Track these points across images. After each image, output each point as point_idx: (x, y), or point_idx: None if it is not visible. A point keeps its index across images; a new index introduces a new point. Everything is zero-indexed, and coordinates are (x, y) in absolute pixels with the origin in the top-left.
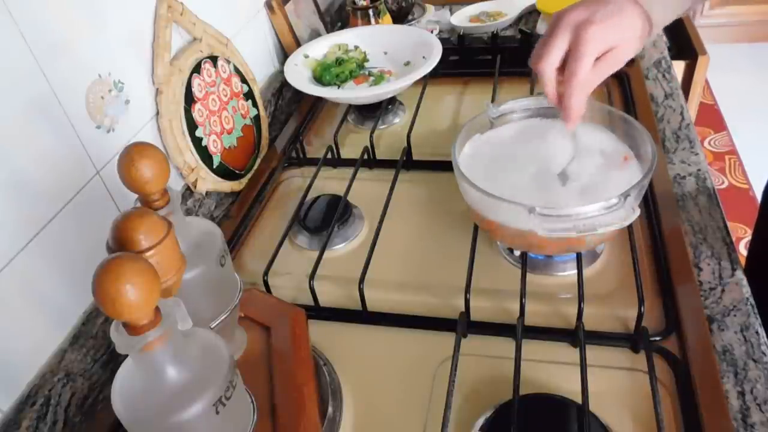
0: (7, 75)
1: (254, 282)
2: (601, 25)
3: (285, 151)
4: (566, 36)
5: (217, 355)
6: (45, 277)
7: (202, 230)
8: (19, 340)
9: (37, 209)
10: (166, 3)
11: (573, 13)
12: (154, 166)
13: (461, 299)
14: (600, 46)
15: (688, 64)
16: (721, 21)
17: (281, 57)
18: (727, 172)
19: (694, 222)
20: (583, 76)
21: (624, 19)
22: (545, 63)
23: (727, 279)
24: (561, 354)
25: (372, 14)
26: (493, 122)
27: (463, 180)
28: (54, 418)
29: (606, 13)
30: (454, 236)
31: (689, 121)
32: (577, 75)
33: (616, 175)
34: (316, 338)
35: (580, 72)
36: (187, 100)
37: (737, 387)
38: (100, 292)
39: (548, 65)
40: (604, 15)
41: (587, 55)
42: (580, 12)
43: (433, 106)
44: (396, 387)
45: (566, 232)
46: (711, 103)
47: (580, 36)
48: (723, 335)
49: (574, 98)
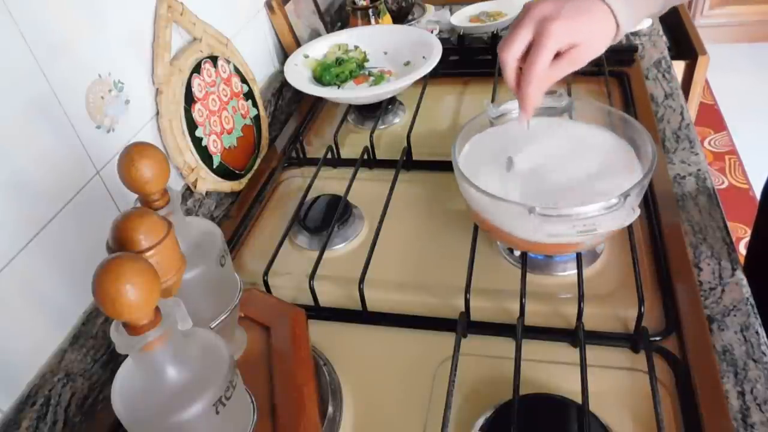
0: (7, 75)
1: (254, 282)
2: (566, 21)
3: (285, 151)
4: (530, 28)
5: (217, 355)
6: (45, 277)
7: (202, 230)
8: (19, 340)
9: (37, 209)
10: (166, 3)
11: (541, 6)
12: (154, 166)
13: (461, 299)
14: (561, 41)
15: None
16: (721, 21)
17: (281, 57)
18: (727, 172)
19: (694, 222)
20: (540, 68)
21: (590, 18)
22: (507, 52)
23: (727, 279)
24: (561, 354)
25: (372, 14)
26: (493, 122)
27: (463, 180)
28: (54, 418)
29: (572, 10)
30: (454, 236)
31: (689, 121)
32: (534, 66)
33: (617, 175)
34: (316, 338)
35: (538, 64)
36: (187, 100)
37: (737, 387)
38: (100, 292)
39: (510, 54)
40: (570, 12)
41: (547, 48)
42: (548, 6)
43: (433, 106)
44: (396, 387)
45: (566, 232)
46: (711, 103)
47: (543, 29)
48: (723, 335)
49: (530, 88)
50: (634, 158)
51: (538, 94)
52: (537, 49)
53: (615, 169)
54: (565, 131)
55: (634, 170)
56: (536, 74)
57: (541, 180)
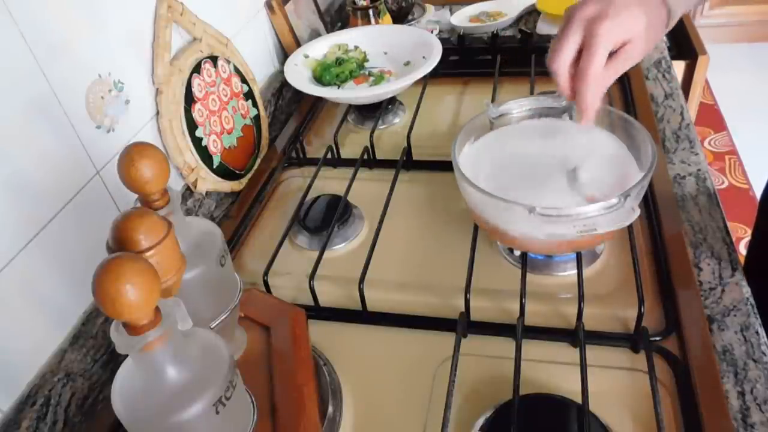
0: (7, 75)
1: (254, 282)
2: (615, 20)
3: (285, 151)
4: (578, 32)
5: (217, 355)
6: (45, 277)
7: (202, 230)
8: (19, 340)
9: (37, 209)
10: (166, 3)
11: (585, 8)
12: (154, 166)
13: (461, 299)
14: (613, 40)
15: (688, 64)
16: (721, 21)
17: (281, 57)
18: (727, 172)
19: (694, 222)
20: (596, 72)
21: (639, 10)
22: (558, 60)
23: (727, 279)
24: (561, 354)
25: (372, 14)
26: (493, 122)
27: (463, 180)
28: (54, 418)
29: (619, 6)
30: (454, 236)
31: (689, 121)
32: (589, 71)
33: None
34: (316, 338)
35: (593, 68)
36: (187, 100)
37: (737, 387)
38: (100, 292)
39: (561, 63)
40: (617, 9)
41: (600, 50)
42: (592, 7)
43: (433, 106)
44: (396, 387)
45: (566, 232)
46: (711, 103)
47: (592, 31)
48: (723, 335)
49: (588, 94)
50: (634, 158)
51: (598, 99)
52: (589, 53)
53: (615, 169)
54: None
55: (633, 170)
56: (593, 79)
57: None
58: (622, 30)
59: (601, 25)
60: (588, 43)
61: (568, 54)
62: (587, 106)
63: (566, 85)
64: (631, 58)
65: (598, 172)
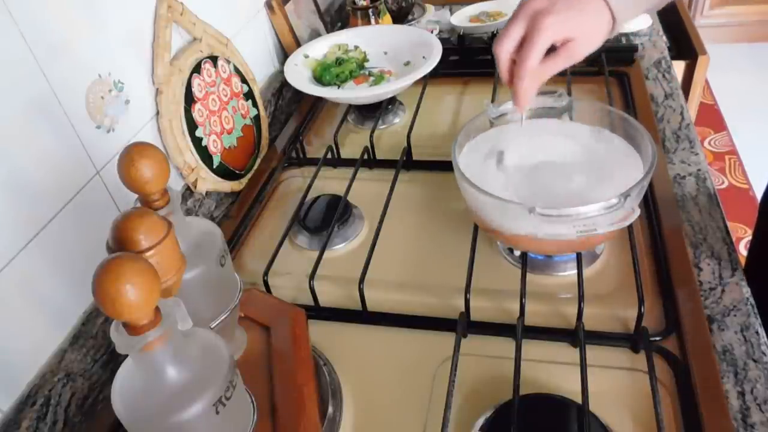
0: (7, 75)
1: (254, 282)
2: (558, 16)
3: (285, 151)
4: (523, 23)
5: (217, 355)
6: (45, 277)
7: (202, 230)
8: (19, 340)
9: (37, 209)
10: (166, 3)
11: (535, 1)
12: (154, 166)
13: (461, 299)
14: (554, 35)
15: (688, 64)
16: (721, 21)
17: (281, 57)
18: (727, 172)
19: (694, 222)
20: (532, 63)
21: (584, 11)
22: (500, 47)
23: (727, 279)
24: (561, 354)
25: (372, 14)
26: (493, 122)
27: (463, 180)
28: (54, 418)
29: (565, 4)
30: (454, 236)
31: (689, 121)
32: (526, 61)
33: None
34: (316, 338)
35: (530, 59)
36: (187, 100)
37: (737, 387)
38: (100, 292)
39: (503, 49)
40: (563, 6)
41: (538, 43)
42: (541, 1)
43: (433, 106)
44: (396, 387)
45: (566, 232)
46: (711, 103)
47: (535, 24)
48: (723, 335)
49: (522, 83)
50: (634, 158)
51: (531, 89)
52: (528, 44)
53: (615, 170)
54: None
55: (633, 170)
56: (528, 69)
57: (541, 179)
58: (565, 27)
59: (544, 19)
60: (530, 34)
61: (511, 41)
62: (520, 94)
63: (505, 71)
64: (571, 57)
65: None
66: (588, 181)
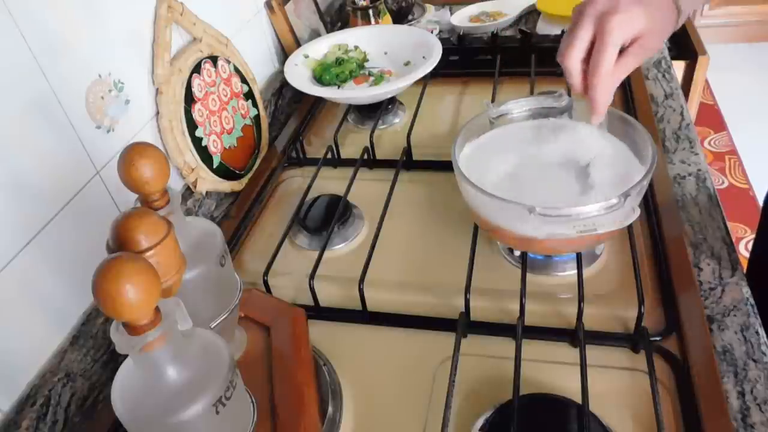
0: (7, 75)
1: (254, 282)
2: (625, 15)
3: (285, 151)
4: (590, 27)
5: (217, 355)
6: (45, 278)
7: (202, 230)
8: (19, 340)
9: (37, 209)
10: (166, 3)
11: (595, 3)
12: (154, 166)
13: (461, 299)
14: (624, 35)
15: (688, 64)
16: (721, 21)
17: (281, 57)
18: (727, 172)
19: (694, 222)
20: (607, 68)
21: (648, 6)
22: (569, 56)
23: (727, 279)
24: (561, 354)
25: (372, 14)
26: (493, 122)
27: (463, 180)
28: (54, 418)
29: (629, 2)
30: (454, 236)
31: (689, 121)
32: (600, 66)
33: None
34: (316, 338)
35: (604, 63)
36: (187, 100)
37: (737, 387)
38: (100, 292)
39: (572, 59)
40: (628, 3)
41: (611, 45)
42: (602, 2)
43: (433, 106)
44: (396, 387)
45: (566, 232)
46: (711, 103)
47: (603, 26)
48: (723, 335)
49: (599, 89)
50: (634, 158)
51: (609, 95)
52: (601, 48)
53: (615, 170)
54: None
55: (634, 170)
56: (604, 74)
57: (541, 179)
58: (634, 25)
59: (612, 19)
60: (600, 37)
61: (580, 49)
62: (599, 101)
63: (578, 81)
64: (642, 54)
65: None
66: (588, 181)
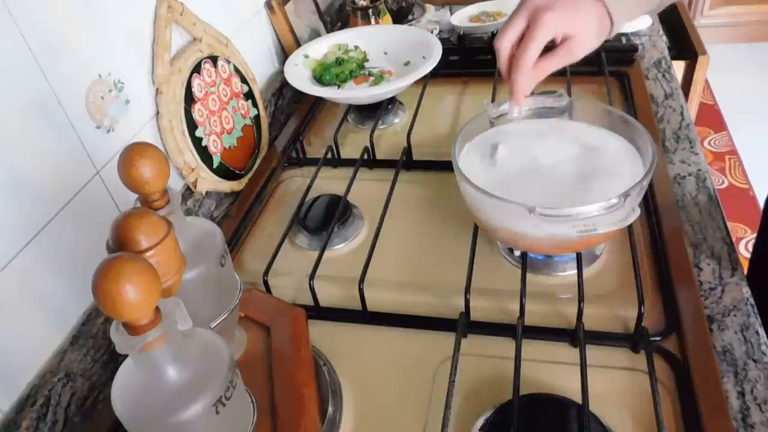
0: (7, 75)
1: (254, 282)
2: (558, 14)
3: (285, 151)
4: (524, 17)
5: (217, 355)
6: (45, 278)
7: (202, 230)
8: (19, 340)
9: (37, 209)
10: (166, 3)
11: None
12: (154, 166)
13: (461, 299)
14: (553, 31)
15: (688, 64)
16: (721, 21)
17: (281, 57)
18: (727, 172)
19: (694, 222)
20: (530, 57)
21: (582, 12)
22: (501, 41)
23: (727, 279)
24: (561, 354)
25: (372, 14)
26: (493, 122)
27: (463, 180)
28: (54, 418)
29: (566, 3)
30: (454, 236)
31: (689, 121)
32: (524, 54)
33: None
34: (316, 338)
35: (528, 52)
36: (187, 100)
37: (737, 387)
38: (100, 292)
39: (503, 43)
40: (563, 5)
41: (537, 38)
42: None
43: (433, 106)
44: (396, 387)
45: (566, 232)
46: (711, 103)
47: (535, 20)
48: (723, 335)
49: (519, 75)
50: (634, 158)
51: (528, 84)
52: (528, 38)
53: (615, 169)
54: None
55: (634, 170)
56: (526, 62)
57: (541, 179)
58: (564, 24)
59: (544, 15)
60: (530, 30)
61: (511, 35)
62: (517, 88)
63: (505, 64)
64: (570, 55)
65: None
66: (588, 181)
